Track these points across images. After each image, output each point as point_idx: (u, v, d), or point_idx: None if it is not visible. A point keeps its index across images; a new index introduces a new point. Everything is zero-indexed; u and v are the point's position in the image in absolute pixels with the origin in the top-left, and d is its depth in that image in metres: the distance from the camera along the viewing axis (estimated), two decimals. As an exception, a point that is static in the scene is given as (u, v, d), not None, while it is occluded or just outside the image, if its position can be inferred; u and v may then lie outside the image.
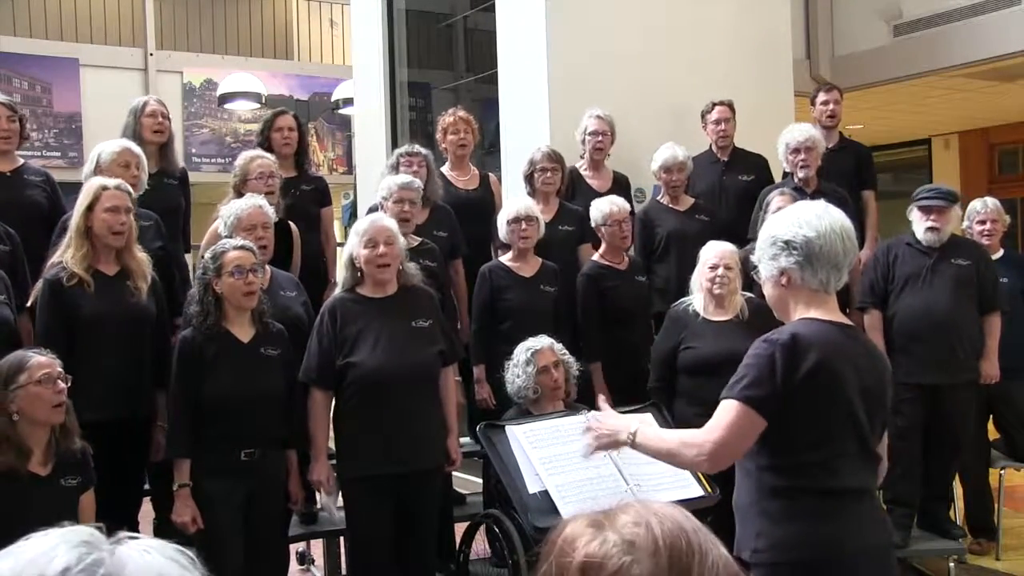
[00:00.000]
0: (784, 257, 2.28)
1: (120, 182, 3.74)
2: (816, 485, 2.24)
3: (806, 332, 2.24)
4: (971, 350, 4.61)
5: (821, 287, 2.28)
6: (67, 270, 3.55)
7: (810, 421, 2.23)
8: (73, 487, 3.11)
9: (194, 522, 3.45)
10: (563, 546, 1.03)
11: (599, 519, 1.05)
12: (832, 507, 2.25)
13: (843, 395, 2.24)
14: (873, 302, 4.67)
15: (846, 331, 2.34)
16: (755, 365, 2.23)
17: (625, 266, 4.75)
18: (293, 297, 4.04)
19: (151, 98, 4.79)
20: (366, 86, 7.37)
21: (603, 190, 5.20)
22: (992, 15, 7.27)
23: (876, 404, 2.33)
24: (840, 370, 2.24)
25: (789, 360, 2.19)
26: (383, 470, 3.58)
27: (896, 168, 11.93)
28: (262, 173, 4.42)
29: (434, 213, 4.78)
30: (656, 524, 1.02)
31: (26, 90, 10.73)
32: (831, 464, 2.25)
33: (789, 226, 2.28)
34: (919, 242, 4.60)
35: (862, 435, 2.28)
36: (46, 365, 3.04)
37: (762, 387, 2.20)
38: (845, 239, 2.28)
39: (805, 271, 2.27)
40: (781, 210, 4.32)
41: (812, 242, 2.25)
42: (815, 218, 2.27)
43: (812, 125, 5.28)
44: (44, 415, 3.03)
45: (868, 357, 2.36)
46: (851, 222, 2.36)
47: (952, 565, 4.52)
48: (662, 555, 0.99)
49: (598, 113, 5.23)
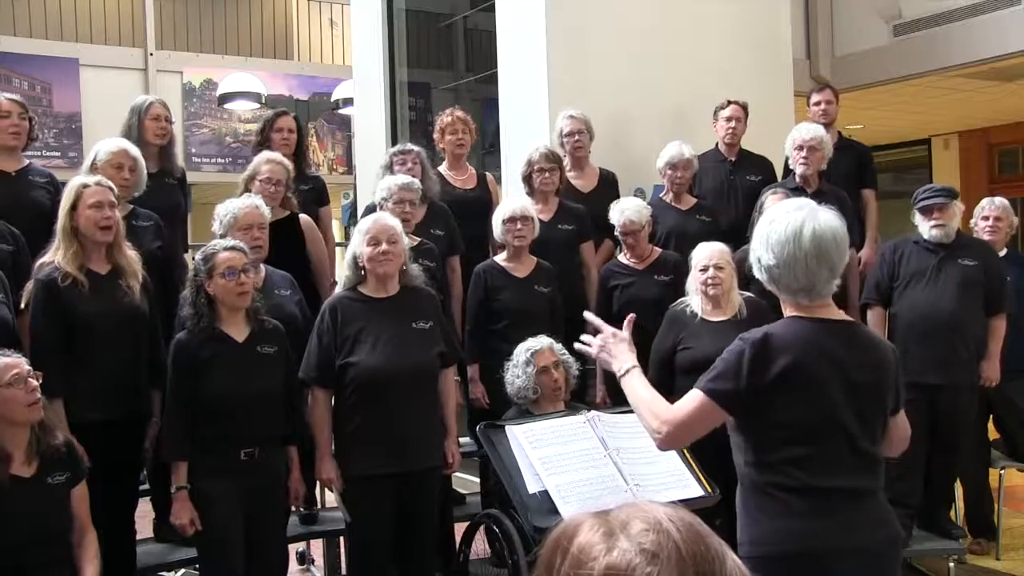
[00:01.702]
0: (757, 271, 2.34)
1: (100, 178, 3.72)
2: (794, 483, 2.25)
3: (781, 332, 2.27)
4: (974, 351, 4.59)
5: (793, 299, 2.31)
6: (60, 270, 3.53)
7: (785, 420, 2.25)
8: (61, 483, 3.08)
9: (192, 524, 3.44)
10: (579, 556, 0.99)
11: (609, 525, 1.01)
12: (813, 505, 2.25)
13: (822, 395, 2.24)
14: (877, 300, 4.67)
15: (835, 327, 2.32)
16: (725, 360, 2.30)
17: (644, 265, 4.74)
18: (287, 296, 4.04)
19: (155, 100, 4.77)
20: (366, 86, 7.37)
21: (587, 190, 5.22)
22: (992, 15, 7.27)
23: (871, 400, 2.31)
24: (817, 369, 2.24)
25: (758, 360, 2.23)
26: (382, 470, 3.58)
27: (896, 168, 11.93)
28: (269, 178, 4.44)
29: (431, 211, 4.78)
30: (673, 530, 0.99)
31: (26, 90, 10.71)
32: (812, 463, 2.25)
33: (760, 243, 2.29)
34: (927, 241, 4.60)
35: (849, 434, 2.27)
36: (13, 366, 2.99)
37: (727, 382, 2.26)
38: (810, 264, 2.22)
39: (773, 287, 2.33)
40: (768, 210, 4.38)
41: (772, 269, 2.27)
42: (784, 242, 2.23)
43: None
44: (20, 416, 2.99)
45: (863, 353, 2.33)
46: (843, 226, 2.31)
47: (952, 565, 4.51)
48: (687, 564, 0.97)
49: (571, 113, 5.23)
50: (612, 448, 3.43)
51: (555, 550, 1.03)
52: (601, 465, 3.41)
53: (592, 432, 3.52)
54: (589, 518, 1.04)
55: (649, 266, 4.73)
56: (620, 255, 4.81)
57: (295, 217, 4.59)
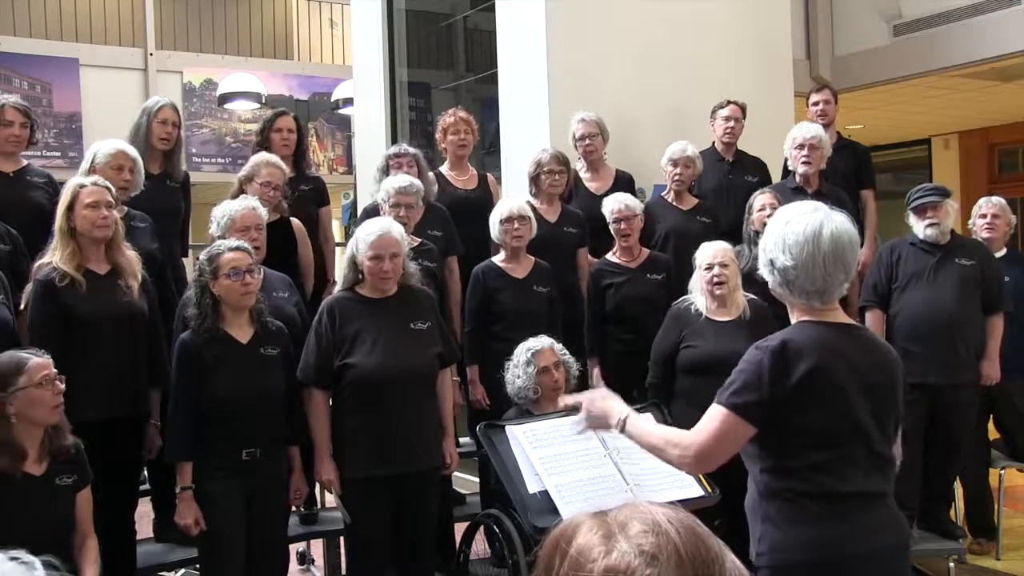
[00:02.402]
0: (768, 273, 2.30)
1: (98, 178, 3.73)
2: (815, 488, 2.23)
3: (798, 337, 2.25)
4: (973, 351, 4.59)
5: (806, 302, 2.28)
6: (59, 270, 3.53)
7: (807, 425, 2.22)
8: (69, 485, 3.10)
9: (197, 524, 3.45)
10: (577, 558, 0.99)
11: (608, 527, 1.01)
12: (833, 510, 2.23)
13: (841, 398, 2.23)
14: (875, 301, 4.67)
15: (844, 331, 2.32)
16: (744, 371, 2.24)
17: (636, 264, 4.74)
18: (286, 298, 4.04)
19: (167, 103, 4.72)
20: (366, 86, 7.37)
21: (601, 192, 5.20)
22: (992, 15, 7.27)
23: (885, 402, 2.31)
24: (836, 373, 2.23)
25: (778, 367, 2.20)
26: (381, 471, 3.58)
27: (896, 168, 11.93)
28: (268, 182, 4.42)
29: (428, 212, 4.76)
30: (672, 532, 0.99)
31: (26, 90, 10.72)
32: (832, 467, 2.23)
33: (775, 243, 2.26)
34: (923, 242, 4.60)
35: (867, 437, 2.26)
36: (45, 366, 3.03)
37: (749, 394, 2.21)
38: (827, 266, 2.21)
39: (786, 289, 2.29)
40: (766, 209, 4.36)
41: (788, 271, 2.24)
42: (799, 244, 2.22)
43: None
44: (42, 416, 3.02)
45: (871, 354, 2.33)
46: (855, 229, 2.32)
47: (952, 565, 4.51)
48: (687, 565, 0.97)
49: (583, 116, 5.23)
50: (612, 448, 3.43)
51: (554, 552, 1.03)
52: (601, 465, 3.41)
53: (592, 432, 3.52)
54: (587, 519, 1.03)
55: (641, 265, 4.73)
56: (610, 254, 4.79)
57: (287, 221, 4.57)
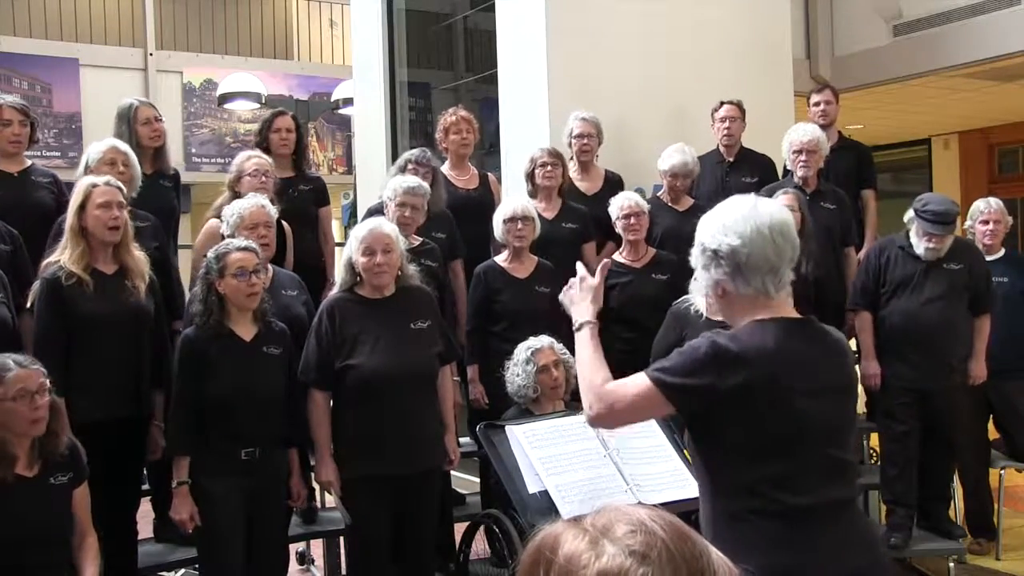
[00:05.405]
0: (714, 268, 2.12)
1: (110, 178, 3.73)
2: (773, 507, 2.03)
3: (747, 340, 2.07)
4: (964, 354, 4.60)
5: (758, 293, 2.10)
6: (65, 269, 3.53)
7: (752, 433, 2.05)
8: (63, 484, 3.09)
9: (192, 520, 3.45)
10: (567, 566, 0.99)
11: (591, 532, 1.01)
12: (796, 530, 2.03)
13: (789, 405, 2.05)
14: (863, 304, 4.66)
15: (798, 327, 2.15)
16: (683, 353, 2.11)
17: (641, 264, 4.74)
18: (295, 296, 4.05)
19: (138, 102, 4.69)
20: (366, 86, 7.37)
21: (591, 192, 5.20)
22: (992, 15, 7.27)
23: (839, 401, 2.16)
24: (784, 378, 2.05)
25: (718, 366, 2.04)
26: (382, 471, 3.58)
27: (896, 168, 11.93)
28: (256, 170, 4.43)
29: (432, 214, 4.77)
30: (659, 529, 1.00)
31: (26, 90, 10.73)
32: (788, 480, 2.05)
33: (715, 232, 2.11)
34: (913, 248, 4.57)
35: (823, 442, 2.09)
36: (24, 379, 2.96)
37: (677, 376, 2.07)
38: (776, 239, 2.08)
39: (737, 281, 2.10)
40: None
41: (737, 251, 2.07)
42: (741, 221, 2.08)
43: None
44: (22, 430, 2.98)
45: (824, 350, 2.17)
46: (788, 217, 2.18)
47: (952, 565, 4.52)
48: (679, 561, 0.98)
49: (582, 115, 5.22)
50: (612, 448, 3.43)
51: (536, 563, 1.01)
52: (601, 465, 3.41)
53: (592, 432, 3.52)
54: (567, 528, 1.03)
55: (646, 265, 4.73)
56: (617, 254, 4.80)
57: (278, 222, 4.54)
